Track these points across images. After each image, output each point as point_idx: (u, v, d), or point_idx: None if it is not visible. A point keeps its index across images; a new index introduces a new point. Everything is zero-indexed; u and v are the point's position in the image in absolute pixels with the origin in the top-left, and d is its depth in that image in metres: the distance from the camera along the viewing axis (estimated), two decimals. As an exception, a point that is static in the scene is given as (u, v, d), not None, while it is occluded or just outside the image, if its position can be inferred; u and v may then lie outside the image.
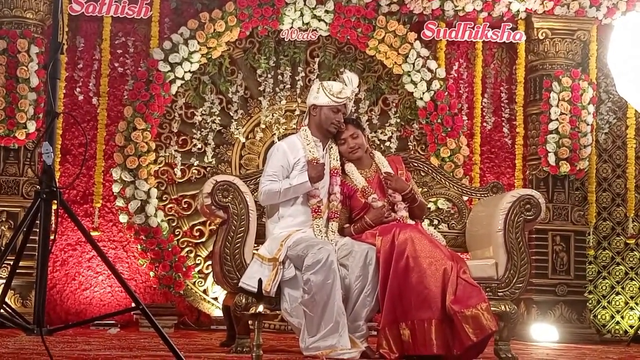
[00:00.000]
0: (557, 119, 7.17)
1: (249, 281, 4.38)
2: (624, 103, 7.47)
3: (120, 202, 6.89)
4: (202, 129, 7.17)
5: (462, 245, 5.06)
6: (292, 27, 7.14)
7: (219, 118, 7.20)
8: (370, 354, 4.29)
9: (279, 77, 7.28)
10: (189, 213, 7.17)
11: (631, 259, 7.60)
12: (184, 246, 7.11)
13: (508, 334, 4.62)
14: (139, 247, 6.90)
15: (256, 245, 4.65)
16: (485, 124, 7.55)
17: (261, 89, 7.28)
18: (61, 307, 6.97)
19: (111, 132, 7.04)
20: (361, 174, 4.71)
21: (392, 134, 7.35)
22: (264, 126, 7.27)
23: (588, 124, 7.21)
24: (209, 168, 7.14)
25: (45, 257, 3.25)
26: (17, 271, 3.44)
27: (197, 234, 7.19)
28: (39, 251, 3.25)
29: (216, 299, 6.99)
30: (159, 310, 6.54)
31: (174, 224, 7.12)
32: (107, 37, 7.07)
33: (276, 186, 4.54)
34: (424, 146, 7.34)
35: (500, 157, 7.58)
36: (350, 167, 4.72)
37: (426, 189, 5.11)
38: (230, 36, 7.05)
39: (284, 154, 4.63)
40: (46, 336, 3.17)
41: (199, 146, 7.17)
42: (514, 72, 7.54)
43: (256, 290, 4.19)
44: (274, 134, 7.24)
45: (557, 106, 7.17)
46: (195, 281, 7.04)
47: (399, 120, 7.38)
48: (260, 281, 4.20)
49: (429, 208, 5.25)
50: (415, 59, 7.14)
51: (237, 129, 7.21)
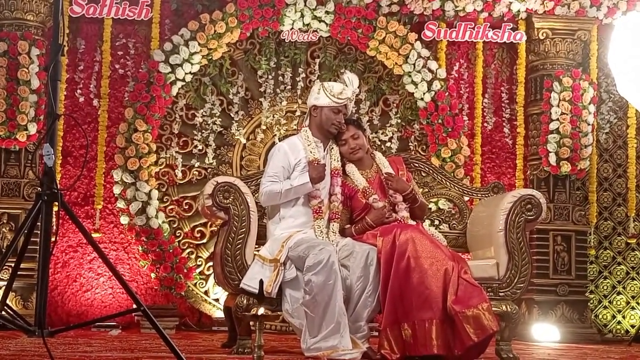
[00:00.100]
0: (557, 119, 7.17)
1: (250, 282, 4.38)
2: (625, 103, 7.47)
3: (121, 204, 6.89)
4: (203, 130, 7.17)
5: (463, 245, 5.06)
6: (292, 28, 7.14)
7: (220, 119, 7.20)
8: (372, 355, 4.29)
9: (280, 78, 7.28)
10: (190, 214, 7.17)
11: (632, 259, 7.60)
12: (185, 247, 7.11)
13: (509, 334, 4.62)
14: (140, 248, 6.90)
15: (257, 246, 4.65)
16: (486, 124, 7.54)
17: (262, 90, 7.28)
18: (62, 308, 6.97)
19: (112, 134, 7.04)
20: (362, 174, 4.70)
21: (393, 134, 7.35)
22: (264, 127, 7.27)
23: (589, 124, 7.21)
24: (209, 169, 7.15)
25: (46, 258, 3.25)
26: (18, 273, 3.43)
27: (198, 235, 7.19)
28: (40, 253, 3.25)
29: (217, 300, 6.99)
30: (160, 311, 6.53)
31: (175, 226, 7.12)
32: (108, 39, 7.08)
33: (277, 187, 4.54)
34: (424, 146, 7.34)
35: (501, 157, 7.58)
36: (351, 168, 4.72)
37: (427, 190, 5.11)
38: (231, 37, 7.06)
39: (284, 155, 4.63)
40: (47, 338, 3.17)
41: (200, 147, 7.17)
42: (514, 72, 7.54)
43: (257, 291, 4.19)
44: (275, 135, 7.24)
45: (558, 106, 7.17)
46: (196, 282, 7.04)
47: (399, 121, 7.38)
48: (262, 282, 4.20)
49: (430, 208, 5.24)
50: (416, 60, 7.14)
51: (238, 130, 7.22)
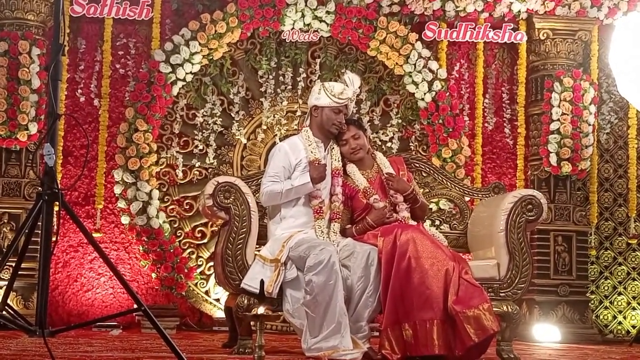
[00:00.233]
0: (558, 119, 7.17)
1: (250, 282, 4.37)
2: (626, 103, 7.47)
3: (122, 204, 6.89)
4: (204, 130, 7.17)
5: (463, 245, 5.05)
6: (293, 28, 7.13)
7: (221, 119, 7.20)
8: (373, 355, 4.29)
9: (280, 78, 7.28)
10: (190, 214, 7.17)
11: (633, 259, 7.60)
12: (185, 247, 7.11)
13: (510, 334, 4.62)
14: (140, 248, 6.90)
15: (258, 246, 4.64)
16: (486, 124, 7.54)
17: (262, 90, 7.27)
18: (63, 308, 6.97)
19: (113, 134, 7.04)
20: (363, 174, 4.70)
21: (394, 134, 7.35)
22: (265, 127, 7.27)
23: (590, 124, 7.21)
24: (210, 169, 7.15)
25: (47, 258, 3.25)
26: (19, 273, 3.43)
27: (199, 235, 7.19)
28: (40, 253, 3.25)
29: (218, 300, 6.99)
30: (161, 311, 6.53)
31: (175, 225, 7.12)
32: (109, 39, 7.08)
33: (278, 187, 4.54)
34: (425, 147, 7.34)
35: (501, 158, 7.58)
36: (351, 168, 4.71)
37: (428, 190, 5.11)
38: (232, 37, 7.06)
39: (285, 155, 4.63)
40: (48, 338, 3.16)
41: (201, 147, 7.17)
42: (515, 72, 7.54)
43: (258, 291, 4.19)
44: (276, 135, 7.24)
45: (559, 106, 7.17)
46: (197, 282, 7.04)
47: (400, 121, 7.38)
48: (262, 282, 4.20)
49: (431, 209, 5.24)
50: (417, 60, 7.14)
51: (239, 130, 7.22)
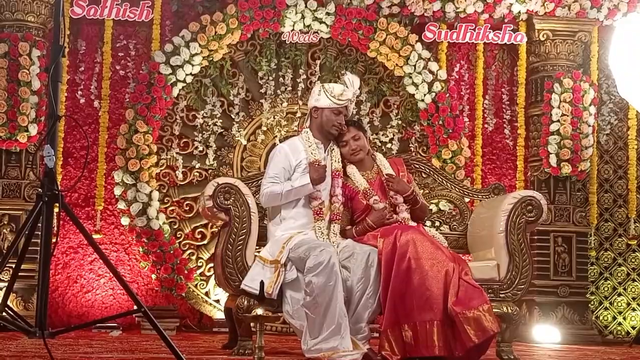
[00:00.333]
0: (558, 121, 7.17)
1: (250, 283, 4.37)
2: (625, 104, 7.47)
3: (122, 205, 6.89)
4: (204, 132, 7.17)
5: (463, 246, 5.05)
6: (293, 30, 7.14)
7: (221, 120, 7.20)
8: (372, 356, 4.28)
9: (280, 79, 7.28)
10: (190, 215, 7.17)
11: (633, 260, 7.60)
12: (185, 249, 7.11)
13: (510, 335, 4.62)
14: (140, 249, 6.90)
15: (258, 247, 4.64)
16: (486, 125, 7.54)
17: (262, 91, 7.28)
18: (63, 309, 6.97)
19: (113, 135, 7.04)
20: (363, 175, 4.70)
21: (394, 135, 7.35)
22: (265, 128, 7.27)
23: (589, 125, 7.21)
24: (210, 170, 7.16)
25: (47, 260, 3.25)
26: (19, 274, 3.43)
27: (199, 236, 7.19)
28: (40, 254, 3.25)
29: (218, 301, 6.99)
30: (161, 312, 6.52)
31: (175, 227, 7.12)
32: (109, 40, 7.08)
33: (278, 188, 4.54)
34: (425, 148, 7.34)
35: (501, 159, 7.58)
36: (351, 169, 4.71)
37: (428, 191, 5.11)
38: (232, 39, 7.06)
39: (285, 156, 4.62)
40: (48, 339, 3.17)
41: (201, 149, 7.17)
42: (515, 73, 7.54)
43: (258, 292, 4.19)
44: (276, 136, 7.24)
45: (559, 107, 7.17)
46: (197, 284, 7.04)
47: (400, 122, 7.38)
48: (262, 283, 4.22)
49: (431, 210, 5.25)
50: (417, 61, 7.14)
51: (239, 132, 7.22)
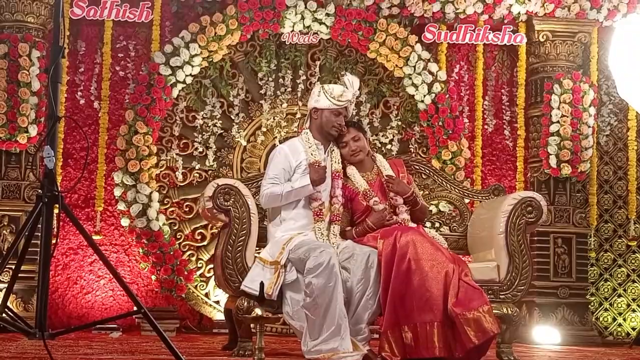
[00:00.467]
0: (558, 121, 7.17)
1: (250, 284, 4.37)
2: (625, 105, 7.47)
3: (121, 206, 6.89)
4: (204, 133, 7.17)
5: (463, 247, 5.06)
6: (293, 31, 7.14)
7: (220, 121, 7.20)
8: (372, 357, 4.28)
9: (280, 80, 7.28)
10: (190, 216, 7.17)
11: (633, 261, 7.59)
12: (185, 250, 7.11)
13: (510, 336, 4.62)
14: (140, 250, 6.90)
15: (258, 248, 4.64)
16: (486, 126, 7.54)
17: (262, 92, 7.28)
18: (63, 311, 6.97)
19: (112, 136, 7.04)
20: (363, 176, 4.70)
21: (393, 136, 7.35)
22: (265, 129, 7.27)
23: (589, 126, 7.21)
24: (210, 171, 7.15)
25: (47, 261, 3.25)
26: (19, 275, 3.44)
27: (199, 237, 7.19)
28: (40, 255, 3.25)
29: (218, 302, 6.98)
30: (161, 314, 6.51)
31: (175, 228, 7.12)
32: (108, 41, 7.08)
33: (278, 189, 4.54)
34: (425, 149, 7.34)
35: (501, 160, 7.58)
36: (351, 170, 4.71)
37: (427, 192, 5.11)
38: (232, 39, 7.06)
39: (285, 157, 4.63)
40: (48, 340, 3.17)
41: (200, 150, 7.17)
42: (514, 74, 7.54)
43: (258, 293, 4.19)
44: (275, 137, 7.24)
45: (558, 108, 7.17)
46: (197, 285, 7.04)
47: (400, 123, 7.38)
48: (262, 284, 4.22)
49: (431, 211, 5.25)
50: (416, 62, 7.14)
51: (239, 132, 7.22)
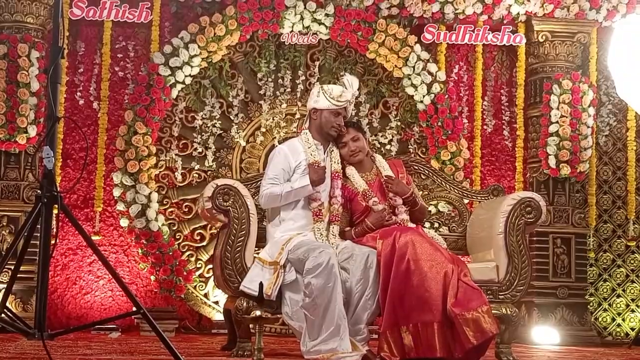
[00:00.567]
0: (557, 122, 7.17)
1: (250, 285, 4.37)
2: (625, 105, 7.47)
3: (121, 206, 6.89)
4: (203, 133, 7.17)
5: (462, 248, 5.05)
6: (292, 31, 7.14)
7: (220, 122, 7.20)
8: (371, 357, 4.28)
9: (280, 80, 7.28)
10: (189, 217, 7.17)
11: (632, 262, 7.60)
12: (184, 250, 7.11)
13: (509, 336, 4.62)
14: (139, 251, 6.90)
15: (257, 248, 4.64)
16: (485, 126, 7.55)
17: (262, 92, 7.28)
18: (62, 311, 6.97)
19: (112, 136, 7.04)
20: (362, 177, 4.70)
21: (393, 137, 7.35)
22: (264, 130, 7.27)
23: (588, 127, 7.21)
24: (209, 172, 7.16)
25: (46, 261, 3.25)
26: (18, 276, 3.43)
27: (198, 237, 7.19)
28: (39, 255, 3.26)
29: (217, 302, 6.98)
30: (160, 314, 6.51)
31: (174, 228, 7.12)
32: (108, 42, 7.08)
33: (277, 189, 4.54)
34: (424, 149, 7.34)
35: (500, 160, 7.58)
36: (351, 171, 4.72)
37: (427, 192, 5.11)
38: (231, 40, 7.06)
39: (285, 157, 4.63)
40: (47, 341, 3.17)
41: (200, 150, 7.17)
42: (514, 74, 7.54)
43: (257, 293, 4.20)
44: (275, 137, 7.24)
45: (558, 109, 7.17)
46: (196, 285, 7.04)
47: (399, 124, 7.38)
48: (261, 285, 4.22)
49: (430, 211, 5.25)
50: (416, 62, 7.15)
51: (238, 133, 7.22)
